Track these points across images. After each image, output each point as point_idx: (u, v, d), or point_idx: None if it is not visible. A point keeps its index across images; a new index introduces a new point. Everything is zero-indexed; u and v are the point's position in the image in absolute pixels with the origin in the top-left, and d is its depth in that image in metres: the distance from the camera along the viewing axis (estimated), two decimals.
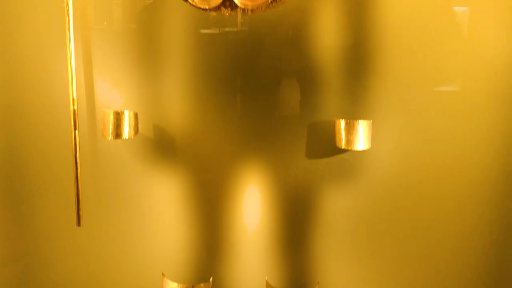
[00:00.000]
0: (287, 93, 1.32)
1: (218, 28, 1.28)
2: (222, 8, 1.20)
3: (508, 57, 1.23)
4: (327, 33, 1.26)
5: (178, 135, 1.38)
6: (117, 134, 1.29)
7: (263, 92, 1.33)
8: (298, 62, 1.29)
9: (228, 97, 1.35)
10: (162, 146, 1.39)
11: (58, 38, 1.33)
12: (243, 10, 1.19)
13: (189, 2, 1.19)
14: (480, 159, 1.31)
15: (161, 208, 1.44)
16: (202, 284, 1.43)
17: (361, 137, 1.22)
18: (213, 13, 1.20)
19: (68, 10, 1.27)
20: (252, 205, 1.42)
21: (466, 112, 1.28)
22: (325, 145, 1.32)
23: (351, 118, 1.27)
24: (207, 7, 1.19)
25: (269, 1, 1.16)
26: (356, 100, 1.30)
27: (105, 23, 1.34)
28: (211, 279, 1.43)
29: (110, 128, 1.28)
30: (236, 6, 1.18)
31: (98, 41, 1.34)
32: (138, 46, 1.33)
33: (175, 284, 1.42)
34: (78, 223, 1.37)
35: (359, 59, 1.27)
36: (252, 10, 1.19)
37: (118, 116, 1.28)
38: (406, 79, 1.27)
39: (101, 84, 1.37)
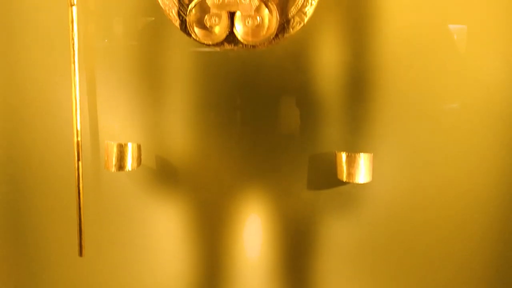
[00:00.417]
0: (289, 124, 1.34)
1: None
2: (225, 44, 1.22)
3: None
4: (327, 62, 1.28)
5: (180, 166, 1.39)
6: (120, 166, 1.30)
7: (264, 123, 1.34)
8: (299, 91, 1.31)
9: (229, 127, 1.37)
10: (164, 176, 1.40)
11: (63, 70, 1.34)
12: (246, 45, 1.21)
13: (193, 38, 1.21)
14: (482, 189, 1.31)
15: (163, 237, 1.45)
16: None
17: (362, 170, 1.23)
18: (216, 49, 1.23)
19: (73, 44, 1.29)
20: (254, 234, 1.43)
21: (467, 143, 1.29)
22: (326, 176, 1.33)
23: (352, 148, 1.29)
24: (210, 42, 1.21)
25: (272, 38, 1.19)
26: (357, 130, 1.31)
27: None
28: None
29: (114, 160, 1.30)
30: (239, 41, 1.21)
31: (102, 73, 1.36)
32: (141, 77, 1.36)
33: None
34: (80, 254, 1.38)
35: (359, 88, 1.29)
36: (254, 46, 1.21)
37: (121, 149, 1.29)
38: (407, 110, 1.29)
39: (105, 115, 1.38)
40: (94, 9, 1.33)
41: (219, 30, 1.19)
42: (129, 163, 1.30)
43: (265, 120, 1.34)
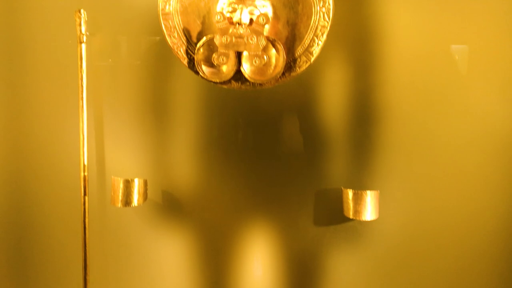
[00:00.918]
0: (295, 159, 1.34)
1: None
2: (233, 82, 1.24)
3: None
4: (334, 99, 1.30)
5: (185, 199, 1.39)
6: (127, 202, 1.30)
7: (271, 157, 1.35)
8: (305, 128, 1.32)
9: (236, 162, 1.37)
10: (170, 211, 1.40)
11: (71, 105, 1.36)
12: (253, 84, 1.22)
13: (200, 76, 1.23)
14: (486, 225, 1.31)
15: (169, 271, 1.44)
16: None
17: (368, 208, 1.23)
18: (224, 86, 1.24)
19: (82, 80, 1.31)
20: (259, 267, 1.42)
21: (472, 180, 1.29)
22: (332, 212, 1.33)
23: (358, 183, 1.29)
24: (217, 80, 1.23)
25: (278, 76, 1.20)
26: (363, 166, 1.32)
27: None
28: None
29: (120, 196, 1.30)
30: (246, 80, 1.22)
31: (109, 109, 1.37)
32: (148, 113, 1.37)
33: None
34: None
35: (364, 125, 1.30)
36: (261, 84, 1.22)
37: (127, 184, 1.30)
38: (412, 147, 1.29)
39: (112, 150, 1.39)
40: (103, 47, 1.34)
41: (227, 68, 1.21)
42: (135, 198, 1.31)
43: (272, 155, 1.34)
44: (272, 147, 1.34)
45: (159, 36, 1.25)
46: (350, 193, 1.24)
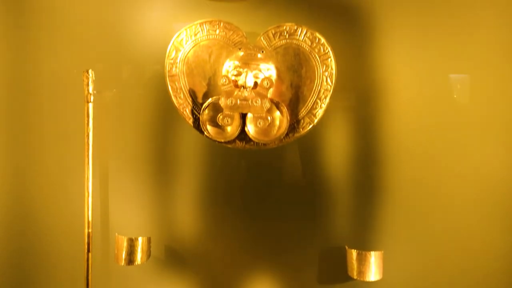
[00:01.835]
0: (299, 218, 1.34)
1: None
2: (237, 141, 1.26)
3: None
4: (337, 159, 1.31)
5: (189, 256, 1.39)
6: (130, 260, 1.30)
7: (274, 216, 1.35)
8: (309, 187, 1.33)
9: (239, 219, 1.37)
10: (173, 267, 1.40)
11: (76, 162, 1.37)
12: (257, 143, 1.24)
13: (205, 135, 1.25)
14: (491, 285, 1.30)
15: None
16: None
17: (373, 268, 1.23)
18: (229, 146, 1.26)
19: (88, 138, 1.33)
20: None
21: (476, 240, 1.29)
22: (336, 271, 1.33)
23: (361, 242, 1.29)
24: (222, 140, 1.25)
25: (282, 137, 1.22)
26: (366, 225, 1.32)
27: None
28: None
29: (124, 254, 1.30)
30: (251, 140, 1.24)
31: (114, 166, 1.39)
32: (152, 170, 1.39)
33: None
34: None
35: (368, 185, 1.31)
36: (265, 144, 1.24)
37: (131, 243, 1.30)
38: (415, 206, 1.30)
39: (116, 206, 1.40)
40: (110, 105, 1.37)
41: (231, 129, 1.23)
42: (139, 257, 1.30)
43: (275, 213, 1.35)
44: (275, 205, 1.35)
45: (165, 95, 1.27)
46: (354, 253, 1.24)
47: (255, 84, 1.19)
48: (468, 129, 1.27)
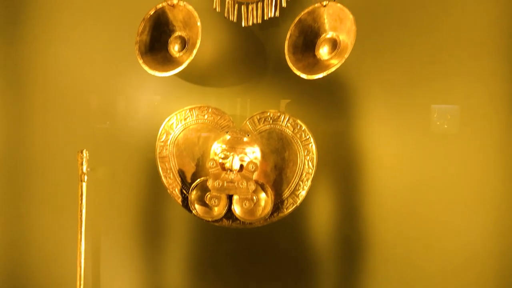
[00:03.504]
0: None
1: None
2: (224, 220, 1.31)
3: None
4: (322, 236, 1.36)
5: None
6: None
7: None
8: (293, 263, 1.38)
9: None
10: None
11: (69, 239, 1.42)
12: (243, 222, 1.29)
13: (193, 214, 1.30)
14: None
15: None
16: None
17: None
18: (216, 224, 1.31)
19: (81, 216, 1.38)
20: None
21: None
22: None
23: None
24: (209, 219, 1.30)
25: (267, 217, 1.28)
26: None
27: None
28: None
29: None
30: (237, 218, 1.29)
31: (106, 241, 1.43)
32: (143, 246, 1.43)
33: None
34: None
35: (353, 260, 1.35)
36: (251, 223, 1.29)
37: None
38: (401, 277, 1.34)
39: (107, 281, 1.43)
40: (102, 184, 1.43)
41: (218, 209, 1.28)
42: None
43: None
44: (260, 281, 1.39)
45: (155, 175, 1.33)
46: None
47: (241, 167, 1.26)
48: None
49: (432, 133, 1.30)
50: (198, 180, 1.30)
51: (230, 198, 1.28)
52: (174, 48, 1.31)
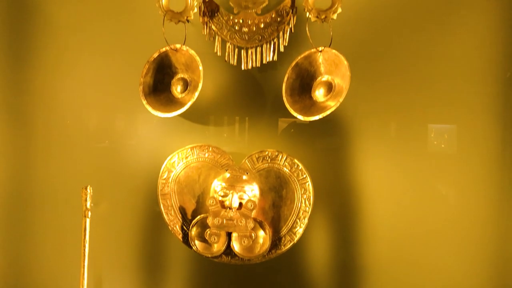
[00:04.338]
0: None
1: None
2: (223, 256, 1.34)
3: None
4: (317, 274, 1.39)
5: None
6: None
7: None
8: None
9: None
10: None
11: (72, 275, 1.45)
12: (242, 259, 1.33)
13: (194, 250, 1.34)
14: None
15: None
16: None
17: None
18: (215, 260, 1.34)
19: (84, 251, 1.41)
20: None
21: None
22: None
23: None
24: (209, 255, 1.33)
25: (265, 253, 1.31)
26: None
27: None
28: None
29: None
30: (236, 255, 1.33)
31: (108, 276, 1.47)
32: (143, 280, 1.46)
33: None
34: None
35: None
36: (249, 260, 1.33)
37: None
38: None
39: None
40: (105, 220, 1.47)
41: (218, 245, 1.32)
42: None
43: None
44: None
45: (157, 210, 1.37)
46: None
47: (240, 204, 1.30)
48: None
49: (429, 165, 1.36)
50: (199, 217, 1.34)
51: (229, 235, 1.31)
52: (177, 89, 1.37)
